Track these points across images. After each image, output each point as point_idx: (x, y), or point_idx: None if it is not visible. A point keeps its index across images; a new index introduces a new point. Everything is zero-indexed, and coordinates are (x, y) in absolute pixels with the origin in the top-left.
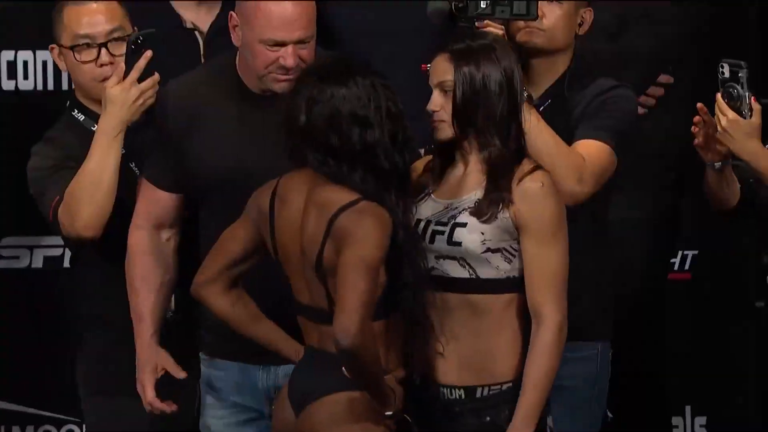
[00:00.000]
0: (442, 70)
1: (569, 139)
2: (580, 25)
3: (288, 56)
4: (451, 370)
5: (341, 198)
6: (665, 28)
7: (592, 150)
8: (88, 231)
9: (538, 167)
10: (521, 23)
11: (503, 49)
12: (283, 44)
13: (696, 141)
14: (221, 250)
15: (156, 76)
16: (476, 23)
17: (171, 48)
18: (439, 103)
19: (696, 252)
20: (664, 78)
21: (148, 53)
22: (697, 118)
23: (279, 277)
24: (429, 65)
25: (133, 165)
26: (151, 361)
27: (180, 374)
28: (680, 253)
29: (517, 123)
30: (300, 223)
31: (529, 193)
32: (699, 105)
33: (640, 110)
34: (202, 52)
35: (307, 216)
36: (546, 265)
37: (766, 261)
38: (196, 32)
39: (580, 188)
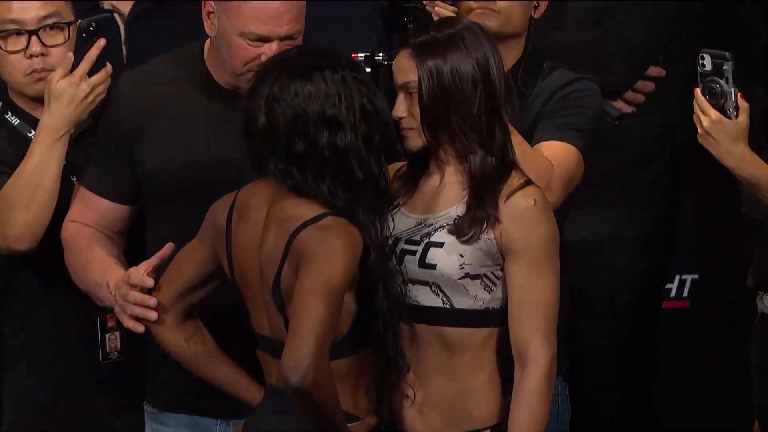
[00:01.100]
0: (405, 69)
1: (526, 139)
2: (535, 7)
3: (272, 52)
4: (421, 415)
5: (304, 212)
6: (656, 14)
7: (558, 153)
8: (21, 243)
9: (529, 181)
10: (473, 3)
11: (475, 36)
12: (267, 39)
13: (699, 132)
14: (174, 275)
15: (108, 67)
16: (423, 1)
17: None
18: (404, 108)
19: (696, 276)
20: (654, 71)
21: (101, 42)
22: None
23: (240, 305)
24: (359, 55)
25: (74, 179)
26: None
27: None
28: (677, 277)
29: (502, 124)
30: (258, 241)
31: (520, 211)
32: (696, 90)
33: (627, 108)
34: (122, 39)
35: (266, 233)
36: (535, 296)
37: (750, 282)
38: (116, 15)
39: (548, 196)
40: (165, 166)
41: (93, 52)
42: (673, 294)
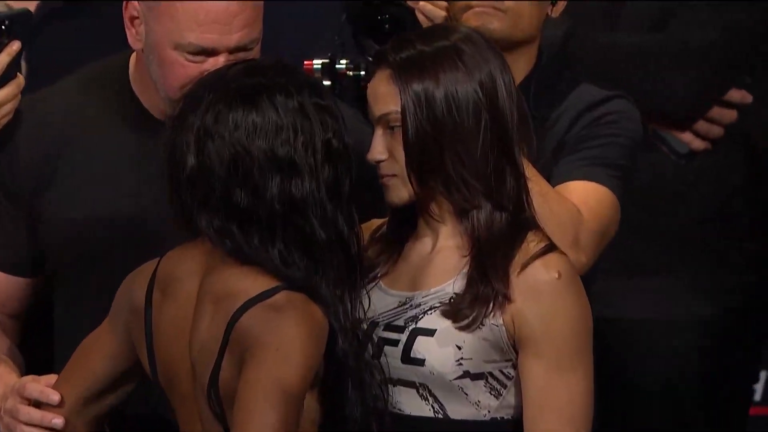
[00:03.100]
0: (383, 96)
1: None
2: (553, 4)
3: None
4: None
5: (248, 287)
6: (740, 15)
7: (587, 197)
8: None
9: (552, 246)
10: (471, 1)
11: (476, 50)
12: (212, 52)
13: None
14: (77, 372)
15: (20, 79)
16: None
17: None
18: (383, 149)
19: None
20: (736, 95)
21: (15, 45)
22: None
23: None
24: (315, 63)
25: None
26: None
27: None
28: (765, 375)
29: (514, 168)
30: (189, 326)
31: (539, 287)
32: None
33: (698, 144)
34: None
35: (198, 316)
36: (560, 403)
37: None
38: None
39: (576, 256)
40: (76, 224)
41: (3, 58)
42: (758, 397)
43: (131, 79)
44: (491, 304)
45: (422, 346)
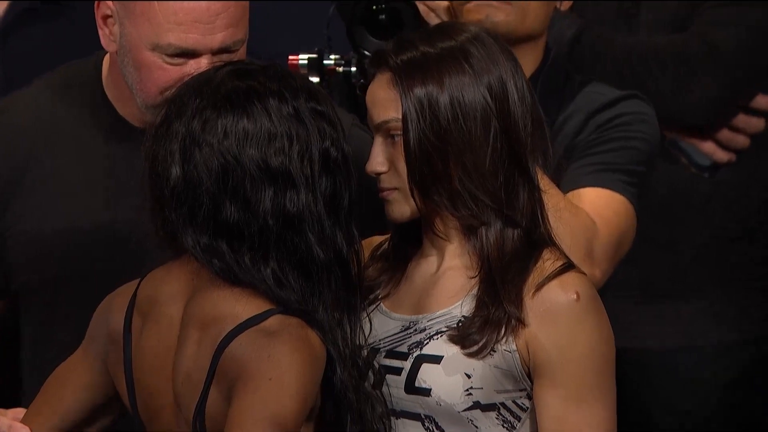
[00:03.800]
0: (383, 102)
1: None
2: None
3: None
4: None
5: (238, 310)
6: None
7: (601, 206)
8: None
9: (570, 265)
10: None
11: (485, 51)
12: (193, 54)
13: None
14: (48, 405)
15: None
16: None
17: None
18: (383, 160)
19: None
20: (763, 101)
21: None
22: None
23: None
24: (301, 58)
25: None
26: None
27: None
28: None
29: (528, 180)
30: (173, 354)
31: (555, 310)
32: None
33: (722, 156)
34: None
35: (183, 342)
36: None
37: None
38: None
39: (589, 270)
40: (45, 240)
41: None
42: None
43: (104, 84)
44: (503, 329)
45: (428, 375)
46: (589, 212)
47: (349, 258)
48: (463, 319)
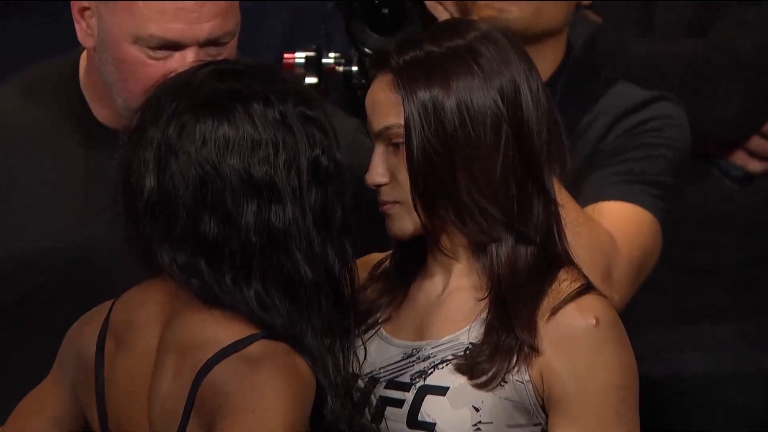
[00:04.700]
0: (383, 105)
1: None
2: None
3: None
4: None
5: (219, 335)
6: None
7: (623, 221)
8: None
9: (589, 286)
10: None
11: (496, 50)
12: (178, 46)
13: None
14: None
15: None
16: None
17: None
18: (384, 170)
19: None
20: None
21: None
22: None
23: None
24: (297, 56)
25: None
26: None
27: None
28: None
29: (544, 192)
30: (149, 382)
31: (573, 337)
32: None
33: (755, 165)
34: None
35: (160, 369)
36: None
37: None
38: None
39: (608, 292)
40: (11, 258)
41: None
42: None
43: (82, 85)
44: (515, 357)
45: (432, 408)
46: (610, 228)
47: (342, 278)
48: (471, 346)
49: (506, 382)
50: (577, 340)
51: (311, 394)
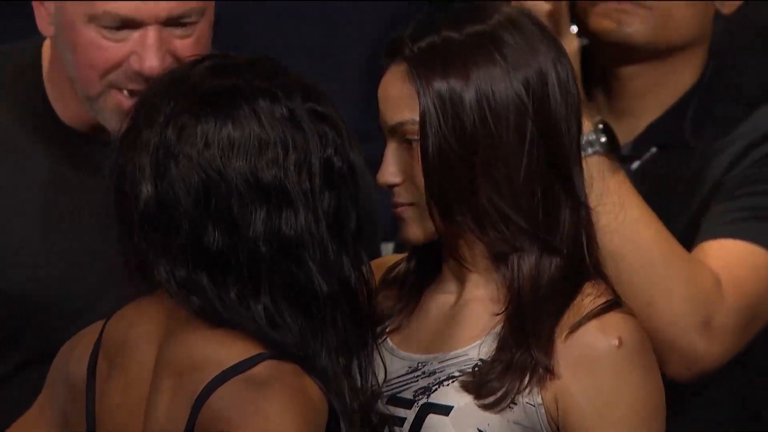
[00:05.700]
0: (396, 98)
1: (690, 231)
2: None
3: (147, 49)
4: None
5: (221, 355)
6: None
7: (737, 264)
8: None
9: (615, 301)
10: None
11: (524, 38)
12: (136, 24)
13: None
14: None
15: None
16: None
17: None
18: (396, 170)
19: None
20: None
21: None
22: None
23: None
24: None
25: None
26: None
27: None
28: None
29: (572, 195)
30: (144, 405)
31: (593, 358)
32: None
33: None
34: None
35: (156, 392)
36: None
37: None
38: None
39: (705, 344)
40: None
41: None
42: None
43: (45, 80)
44: (527, 377)
45: (434, 428)
46: (717, 269)
47: (357, 288)
48: (480, 362)
49: (516, 404)
50: (598, 362)
51: (322, 420)
